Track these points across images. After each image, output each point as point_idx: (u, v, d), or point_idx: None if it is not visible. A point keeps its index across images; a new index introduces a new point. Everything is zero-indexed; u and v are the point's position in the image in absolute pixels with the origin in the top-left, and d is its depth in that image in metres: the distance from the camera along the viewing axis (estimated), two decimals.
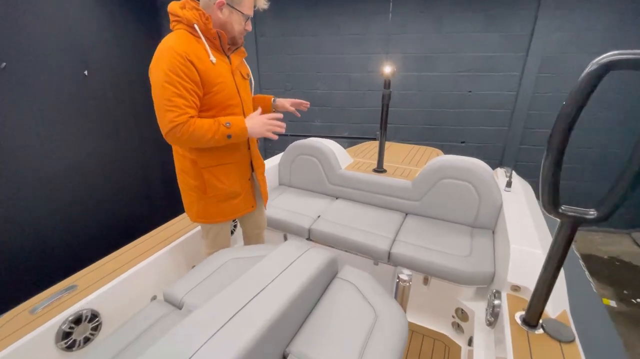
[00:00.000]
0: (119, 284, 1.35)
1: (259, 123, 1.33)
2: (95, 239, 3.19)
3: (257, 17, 3.75)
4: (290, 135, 4.19)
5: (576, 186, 3.75)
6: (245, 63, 1.51)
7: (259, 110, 1.38)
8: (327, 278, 1.20)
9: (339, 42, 3.70)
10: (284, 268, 1.08)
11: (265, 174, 1.63)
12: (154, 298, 1.51)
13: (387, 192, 1.99)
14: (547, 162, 0.81)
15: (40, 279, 2.68)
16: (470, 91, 3.62)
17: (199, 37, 1.24)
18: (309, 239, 1.89)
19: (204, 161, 1.37)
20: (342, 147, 2.33)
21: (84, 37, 2.92)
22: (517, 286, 1.20)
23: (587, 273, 1.67)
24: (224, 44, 1.32)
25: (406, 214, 1.98)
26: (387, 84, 1.96)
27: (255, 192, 1.61)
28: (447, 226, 1.83)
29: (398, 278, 1.16)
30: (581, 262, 1.87)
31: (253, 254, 1.37)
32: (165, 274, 1.57)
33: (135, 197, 3.71)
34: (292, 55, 3.85)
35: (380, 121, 2.05)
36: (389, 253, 1.64)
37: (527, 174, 3.80)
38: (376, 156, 2.24)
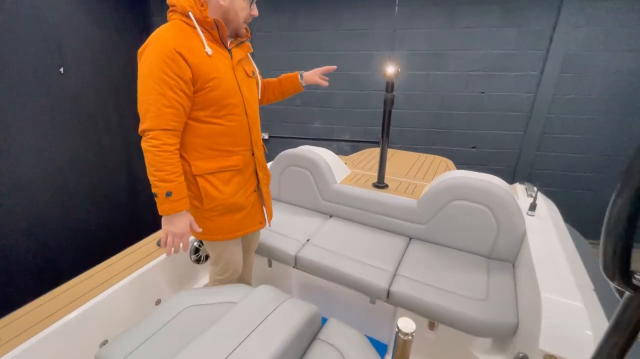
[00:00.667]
0: (52, 335, 1.10)
1: (179, 228, 1.12)
2: (77, 251, 2.97)
3: None
4: (289, 137, 3.93)
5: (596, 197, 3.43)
6: (251, 60, 1.35)
7: (188, 220, 1.15)
8: (305, 340, 0.94)
9: (340, 37, 3.40)
10: (253, 327, 0.88)
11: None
12: (105, 342, 1.26)
13: (388, 213, 1.72)
14: (621, 204, 0.48)
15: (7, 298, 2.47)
16: (483, 92, 3.31)
17: (195, 27, 1.10)
18: (295, 267, 1.63)
19: (198, 165, 1.19)
20: (337, 158, 2.05)
21: (59, 30, 2.68)
22: (553, 356, 0.92)
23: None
24: (224, 35, 1.15)
25: (410, 239, 1.71)
26: (390, 87, 1.67)
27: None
28: (458, 257, 1.55)
29: (398, 328, 0.90)
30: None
31: (218, 300, 1.11)
32: (121, 312, 1.32)
33: (120, 207, 3.48)
34: (290, 52, 3.56)
35: (381, 128, 1.77)
36: (389, 291, 1.37)
37: (544, 184, 3.50)
38: (377, 166, 1.98)
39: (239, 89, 1.20)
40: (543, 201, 1.72)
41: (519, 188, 1.89)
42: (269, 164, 2.15)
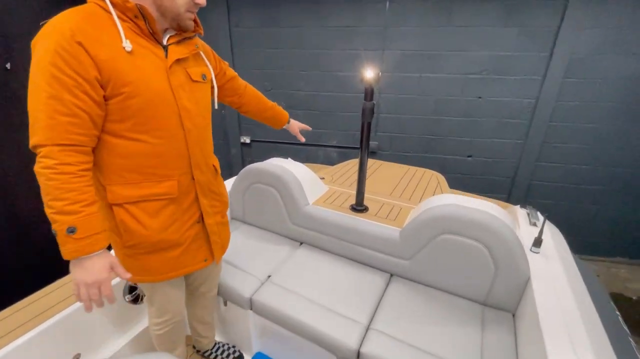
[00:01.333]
0: None
1: (93, 274, 0.83)
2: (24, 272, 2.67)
3: (232, 4, 3.18)
4: (273, 142, 3.64)
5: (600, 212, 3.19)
6: (205, 60, 1.10)
7: (106, 263, 0.85)
8: None
9: (326, 35, 3.11)
10: None
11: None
12: None
13: (366, 244, 1.45)
14: None
15: None
16: (480, 97, 3.04)
17: (111, 14, 0.86)
18: (251, 309, 1.35)
19: (116, 191, 0.93)
20: (311, 173, 1.77)
21: (4, 23, 2.37)
22: None
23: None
24: (153, 26, 0.91)
25: (391, 276, 1.44)
26: (369, 94, 1.40)
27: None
28: (446, 303, 1.29)
29: None
30: (620, 319, 1.34)
31: None
32: None
33: None
34: (272, 50, 3.27)
35: (360, 142, 1.49)
36: (359, 353, 1.10)
37: (543, 195, 3.25)
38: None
39: (174, 97, 0.95)
40: (549, 233, 1.46)
41: (520, 213, 1.63)
42: (231, 180, 1.86)
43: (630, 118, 2.83)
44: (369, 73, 1.31)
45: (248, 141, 3.65)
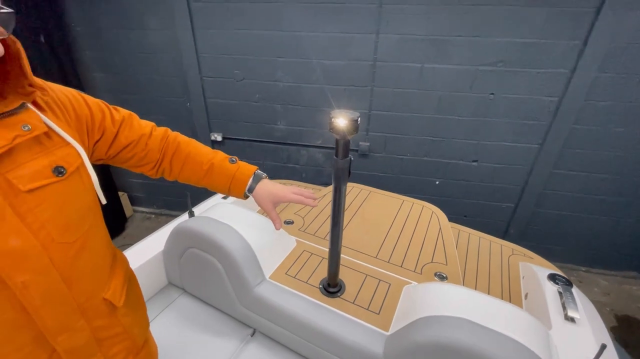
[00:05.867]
0: None
1: None
2: None
3: None
4: (247, 140, 3.15)
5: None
6: (59, 134, 0.62)
7: None
8: None
9: (307, 13, 2.51)
10: None
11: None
12: None
13: (337, 352, 1.05)
14: None
15: None
16: (492, 94, 2.53)
17: None
18: None
19: None
20: (270, 228, 1.32)
21: None
22: None
23: None
24: None
25: None
26: (341, 149, 0.91)
27: None
28: None
29: None
30: None
31: None
32: None
33: None
34: (241, 31, 2.67)
35: (331, 214, 1.03)
36: None
37: (556, 205, 2.85)
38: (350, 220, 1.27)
39: None
40: (587, 321, 1.07)
41: (548, 289, 1.22)
42: (162, 233, 1.42)
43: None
44: (341, 121, 0.83)
45: (220, 138, 3.14)
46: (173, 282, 1.41)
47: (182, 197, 3.52)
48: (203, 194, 1.43)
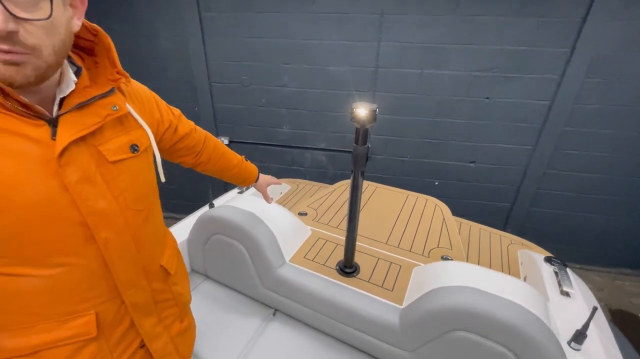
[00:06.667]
0: None
1: None
2: None
3: None
4: (253, 143, 3.25)
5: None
6: (136, 118, 0.72)
7: None
8: None
9: (312, 22, 2.66)
10: None
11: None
12: None
13: (354, 325, 1.14)
14: None
15: None
16: (488, 98, 2.68)
17: None
18: None
19: None
20: (289, 216, 1.43)
21: None
22: None
23: None
24: (15, 96, 0.53)
25: None
26: (360, 137, 1.03)
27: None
28: None
29: None
30: None
31: None
32: None
33: None
34: (250, 39, 2.80)
35: (350, 195, 1.14)
36: None
37: (550, 204, 2.98)
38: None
39: (72, 202, 0.60)
40: (580, 294, 1.17)
41: (545, 270, 1.33)
42: (186, 222, 1.52)
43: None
44: (362, 111, 0.95)
45: (226, 142, 3.25)
46: (196, 269, 1.49)
47: (181, 199, 3.60)
48: (204, 194, 1.51)
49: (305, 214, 1.67)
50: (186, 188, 3.50)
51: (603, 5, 2.23)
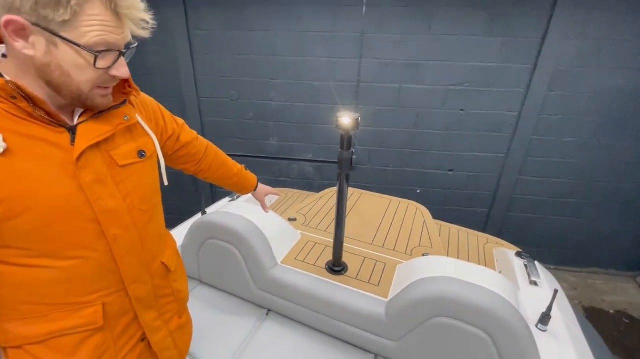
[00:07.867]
0: None
1: None
2: None
3: (189, 3, 2.79)
4: (241, 156, 3.33)
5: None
6: (143, 127, 0.81)
7: None
8: None
9: (298, 40, 2.81)
10: None
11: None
12: None
13: (344, 319, 1.22)
14: None
15: None
16: (462, 110, 2.88)
17: None
18: None
19: (10, 330, 0.68)
20: (280, 220, 1.52)
21: None
22: None
23: None
24: (43, 106, 0.61)
25: (375, 357, 1.23)
26: (345, 143, 1.14)
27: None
28: None
29: None
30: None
31: None
32: None
33: None
34: (239, 56, 2.93)
35: (337, 198, 1.24)
36: None
37: (524, 209, 3.17)
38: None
39: (87, 201, 0.67)
40: (546, 283, 1.30)
41: (516, 264, 1.46)
42: (182, 229, 1.57)
43: (612, 132, 2.76)
44: (346, 119, 1.06)
45: None
46: (190, 274, 1.54)
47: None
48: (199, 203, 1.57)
49: (295, 219, 1.76)
50: (170, 201, 3.51)
51: (559, 26, 2.48)
